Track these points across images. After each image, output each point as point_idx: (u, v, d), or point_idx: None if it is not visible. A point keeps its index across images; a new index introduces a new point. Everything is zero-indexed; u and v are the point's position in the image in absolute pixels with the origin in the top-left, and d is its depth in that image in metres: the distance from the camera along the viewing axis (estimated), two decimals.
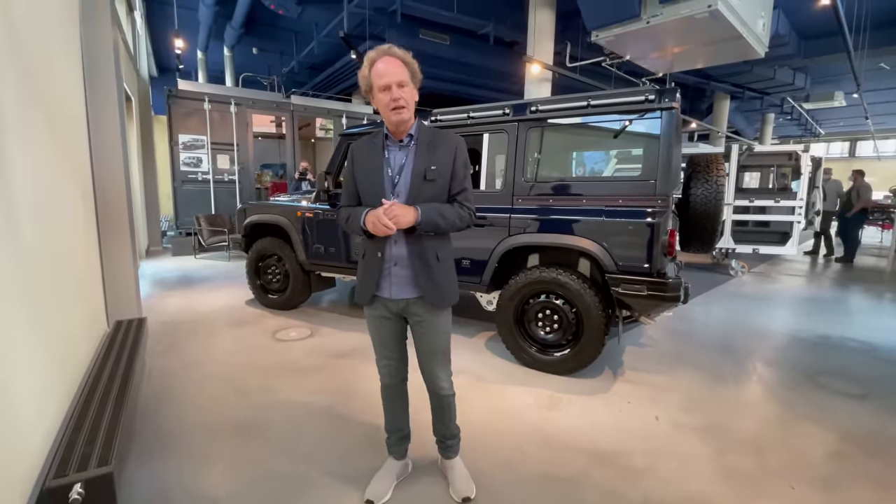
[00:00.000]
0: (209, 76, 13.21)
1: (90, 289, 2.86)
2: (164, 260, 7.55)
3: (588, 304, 2.99)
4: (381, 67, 1.59)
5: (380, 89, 1.60)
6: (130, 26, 7.60)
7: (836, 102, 14.00)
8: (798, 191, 6.83)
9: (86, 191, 2.92)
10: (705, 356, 3.61)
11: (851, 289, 6.30)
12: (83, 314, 2.61)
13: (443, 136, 1.73)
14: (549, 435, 2.41)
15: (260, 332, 3.98)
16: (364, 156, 1.76)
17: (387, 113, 1.64)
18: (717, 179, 3.59)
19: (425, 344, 1.83)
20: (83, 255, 2.71)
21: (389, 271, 1.74)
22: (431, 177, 1.67)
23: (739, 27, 5.67)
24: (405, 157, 1.71)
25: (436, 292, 1.74)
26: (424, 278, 1.72)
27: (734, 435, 2.45)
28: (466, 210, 1.74)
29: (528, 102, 3.33)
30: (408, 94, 1.62)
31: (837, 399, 2.91)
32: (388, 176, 1.71)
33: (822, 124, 21.28)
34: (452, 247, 1.86)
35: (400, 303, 1.76)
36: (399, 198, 1.67)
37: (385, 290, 1.76)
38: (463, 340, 3.86)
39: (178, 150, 7.87)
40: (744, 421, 2.62)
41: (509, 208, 3.32)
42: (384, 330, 1.86)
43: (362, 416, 2.56)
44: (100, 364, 2.53)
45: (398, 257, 1.73)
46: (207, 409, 2.64)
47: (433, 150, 1.69)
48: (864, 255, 9.68)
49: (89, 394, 2.21)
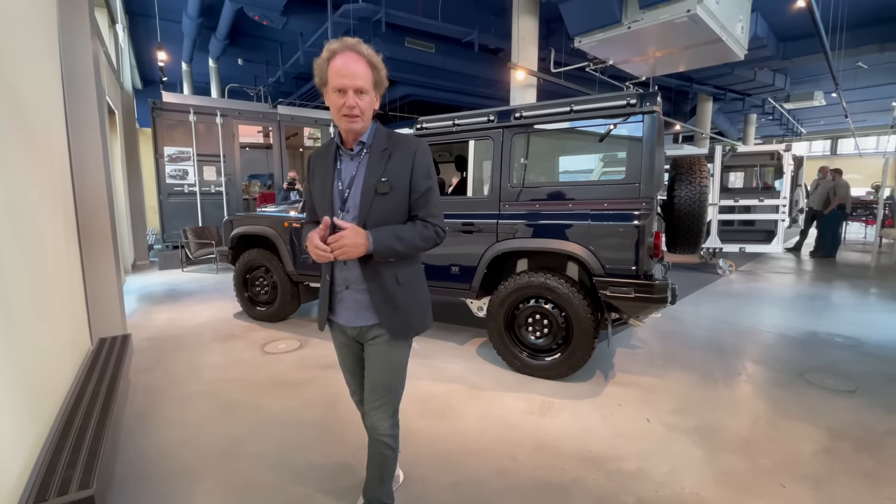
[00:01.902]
0: (194, 88, 13.13)
1: (72, 306, 2.80)
2: (150, 274, 7.45)
3: (577, 307, 2.99)
4: (341, 65, 1.34)
5: (334, 89, 1.37)
6: (113, 39, 7.53)
7: (816, 102, 14.23)
8: (781, 189, 6.93)
9: (67, 205, 2.87)
10: (695, 356, 3.62)
11: (836, 284, 6.38)
12: (65, 332, 2.56)
13: (399, 141, 1.49)
14: (542, 441, 2.40)
15: (248, 345, 3.93)
16: (318, 167, 1.57)
17: (338, 117, 1.41)
18: (701, 181, 3.62)
19: (373, 374, 1.57)
20: (65, 272, 2.66)
21: (342, 296, 1.53)
22: (384, 190, 1.43)
23: (718, 30, 5.77)
24: (356, 169, 1.49)
25: (396, 319, 1.50)
26: (382, 302, 1.48)
27: (725, 435, 2.46)
28: (431, 228, 1.48)
29: (513, 109, 3.35)
30: (366, 103, 1.39)
31: (826, 395, 2.93)
32: (339, 190, 1.49)
33: (803, 123, 21.65)
34: (420, 266, 1.63)
35: (355, 330, 1.56)
36: (349, 215, 1.46)
37: (340, 315, 1.56)
38: (454, 348, 3.83)
39: (164, 163, 7.79)
40: (734, 420, 2.62)
41: (496, 214, 3.32)
42: (349, 358, 1.68)
43: (354, 428, 2.52)
44: (82, 383, 2.48)
45: (350, 280, 1.51)
46: (194, 427, 2.58)
47: (387, 159, 1.46)
48: (848, 251, 9.84)
49: (71, 414, 2.16)
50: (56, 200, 2.61)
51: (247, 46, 11.76)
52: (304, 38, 10.69)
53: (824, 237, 8.88)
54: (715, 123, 17.49)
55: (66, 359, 2.51)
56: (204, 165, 8.14)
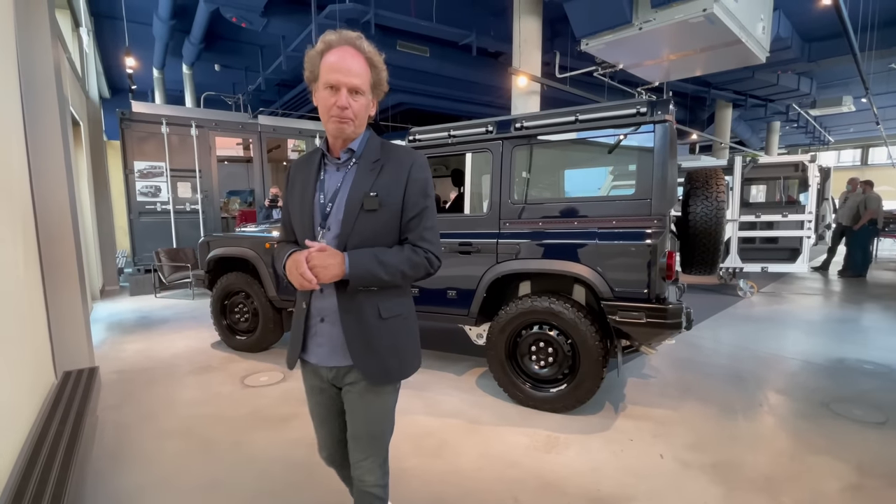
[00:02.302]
0: (167, 96, 13.36)
1: (33, 337, 2.84)
2: (120, 301, 7.50)
3: (584, 334, 3.07)
4: (336, 59, 1.29)
5: (325, 86, 1.31)
6: (77, 43, 7.69)
7: (845, 108, 14.51)
8: (806, 203, 7.07)
9: (27, 228, 2.89)
10: (713, 386, 3.69)
11: (866, 306, 6.49)
12: (25, 366, 2.59)
13: (394, 153, 1.43)
14: (546, 480, 2.45)
15: (227, 378, 3.98)
16: (298, 177, 1.50)
17: (327, 118, 1.34)
18: (718, 195, 3.73)
19: (354, 424, 1.50)
20: (24, 301, 2.68)
21: (315, 329, 1.45)
22: (371, 206, 1.36)
23: (738, 31, 5.92)
24: (341, 180, 1.42)
25: (372, 362, 1.41)
26: (357, 340, 1.39)
27: (745, 472, 2.51)
28: (423, 254, 1.40)
29: (513, 119, 3.47)
30: (360, 106, 1.34)
31: (854, 427, 3.00)
32: (320, 203, 1.42)
33: (830, 131, 22.05)
34: (409, 299, 1.54)
35: (331, 371, 1.47)
36: (329, 233, 1.39)
37: (312, 353, 1.47)
38: (452, 379, 3.89)
39: (134, 179, 7.93)
40: (755, 456, 2.68)
41: (496, 233, 3.42)
42: (321, 406, 1.58)
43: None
44: (45, 421, 2.52)
45: (326, 311, 1.42)
46: (168, 468, 2.63)
47: (378, 171, 1.40)
48: (880, 270, 9.96)
49: (33, 456, 2.20)
50: (14, 222, 2.62)
51: (224, 51, 12.00)
52: (286, 42, 10.94)
53: (854, 255, 9.02)
54: (735, 132, 17.81)
55: (26, 395, 2.55)
56: (178, 181, 8.27)
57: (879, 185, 9.56)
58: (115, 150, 9.17)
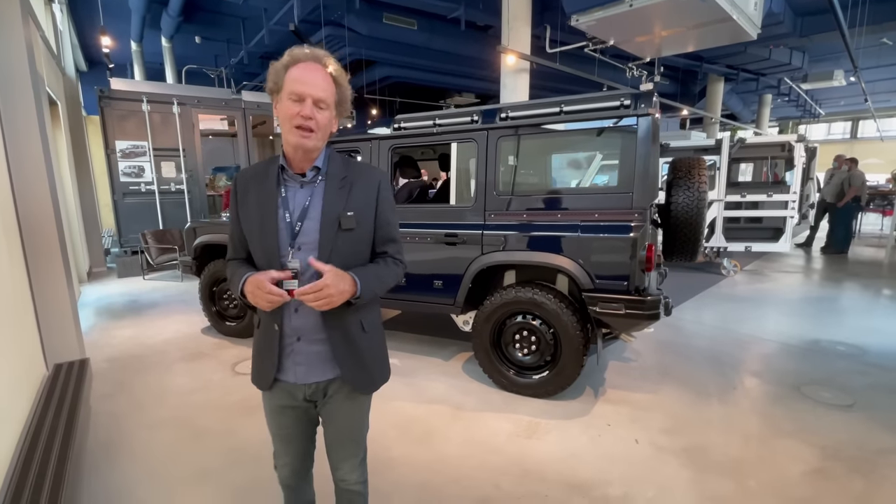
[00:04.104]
0: (147, 70, 13.03)
1: (22, 329, 2.86)
2: (108, 283, 7.51)
3: (566, 323, 3.18)
4: (301, 71, 1.31)
5: (289, 95, 1.31)
6: (50, 19, 7.47)
7: (836, 82, 14.49)
8: (791, 183, 7.19)
9: (7, 217, 2.86)
10: (691, 369, 3.85)
11: (846, 285, 6.70)
12: (16, 362, 2.63)
13: (360, 170, 1.47)
14: (527, 467, 2.59)
15: (218, 365, 4.07)
16: (253, 192, 1.44)
17: (288, 129, 1.33)
18: (699, 186, 3.80)
19: (334, 431, 1.57)
20: (10, 293, 2.69)
21: (291, 349, 1.44)
22: (348, 225, 1.38)
23: (729, 8, 5.89)
24: (309, 198, 1.41)
25: (362, 373, 1.49)
26: (345, 353, 1.45)
27: (714, 456, 2.67)
28: (402, 266, 1.53)
29: (498, 108, 3.50)
30: (324, 118, 1.34)
31: (821, 410, 3.17)
32: (286, 222, 1.39)
33: (822, 104, 22.08)
34: (380, 309, 1.64)
35: (310, 387, 1.48)
36: (300, 253, 1.37)
37: (288, 372, 1.46)
38: (439, 364, 4.01)
39: (116, 159, 7.82)
40: (725, 440, 2.84)
41: (482, 224, 3.48)
42: (292, 424, 1.58)
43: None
44: (39, 416, 2.59)
45: (302, 329, 1.43)
46: (162, 458, 2.73)
47: (349, 190, 1.42)
48: (862, 246, 10.19)
49: (30, 450, 2.28)
50: None
51: (204, 23, 11.68)
52: (268, 15, 10.70)
53: (836, 231, 9.22)
54: (727, 105, 17.79)
55: (19, 390, 2.61)
56: (162, 161, 8.17)
57: (868, 158, 9.73)
58: (94, 126, 8.98)
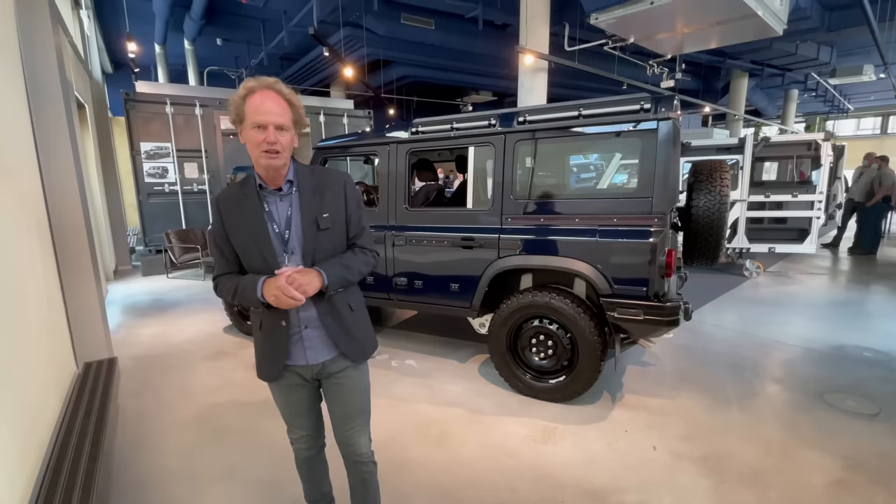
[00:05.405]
0: (170, 71, 13.33)
1: (55, 329, 2.97)
2: (134, 281, 7.73)
3: (583, 329, 3.18)
4: (258, 101, 1.50)
5: (252, 126, 1.51)
6: (78, 25, 7.69)
7: (866, 77, 14.13)
8: (818, 183, 7.04)
9: (40, 221, 2.95)
10: (710, 374, 3.81)
11: (873, 288, 6.55)
12: (49, 361, 2.74)
13: (327, 177, 1.71)
14: (543, 472, 2.61)
15: (240, 364, 4.17)
16: (238, 212, 1.65)
17: (258, 154, 1.53)
18: (721, 189, 3.76)
19: (342, 406, 1.81)
20: (44, 295, 2.79)
21: (300, 335, 1.69)
22: (325, 225, 1.64)
23: (753, 4, 5.79)
24: (289, 208, 1.65)
25: (355, 346, 1.76)
26: (341, 334, 1.71)
27: (733, 464, 2.65)
28: (370, 253, 1.78)
29: (516, 112, 3.50)
30: (286, 139, 1.55)
31: (845, 419, 3.12)
32: (276, 232, 1.63)
33: (850, 99, 21.54)
34: (360, 290, 1.89)
35: (316, 367, 1.74)
36: (294, 255, 1.63)
37: (298, 356, 1.71)
38: (455, 366, 4.05)
39: (141, 160, 8.02)
40: (745, 448, 2.82)
41: (498, 228, 3.50)
42: (301, 401, 1.84)
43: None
44: (71, 413, 2.70)
45: (308, 319, 1.69)
46: (187, 456, 2.82)
47: (321, 195, 1.66)
48: (891, 247, 9.92)
49: (62, 447, 2.38)
50: (28, 216, 2.67)
51: (225, 25, 11.91)
52: (287, 17, 10.84)
53: (865, 232, 8.99)
54: (751, 101, 17.47)
55: (52, 389, 2.71)
56: (185, 162, 8.37)
57: None
58: (120, 127, 9.21)
